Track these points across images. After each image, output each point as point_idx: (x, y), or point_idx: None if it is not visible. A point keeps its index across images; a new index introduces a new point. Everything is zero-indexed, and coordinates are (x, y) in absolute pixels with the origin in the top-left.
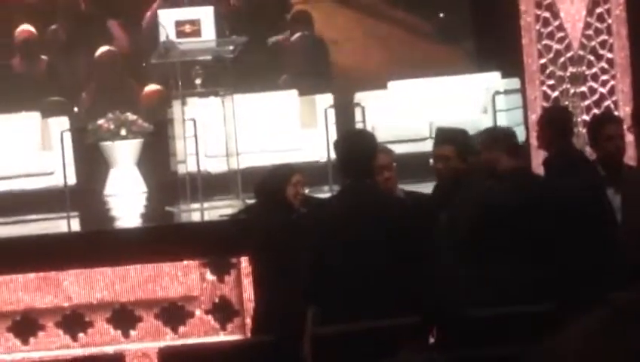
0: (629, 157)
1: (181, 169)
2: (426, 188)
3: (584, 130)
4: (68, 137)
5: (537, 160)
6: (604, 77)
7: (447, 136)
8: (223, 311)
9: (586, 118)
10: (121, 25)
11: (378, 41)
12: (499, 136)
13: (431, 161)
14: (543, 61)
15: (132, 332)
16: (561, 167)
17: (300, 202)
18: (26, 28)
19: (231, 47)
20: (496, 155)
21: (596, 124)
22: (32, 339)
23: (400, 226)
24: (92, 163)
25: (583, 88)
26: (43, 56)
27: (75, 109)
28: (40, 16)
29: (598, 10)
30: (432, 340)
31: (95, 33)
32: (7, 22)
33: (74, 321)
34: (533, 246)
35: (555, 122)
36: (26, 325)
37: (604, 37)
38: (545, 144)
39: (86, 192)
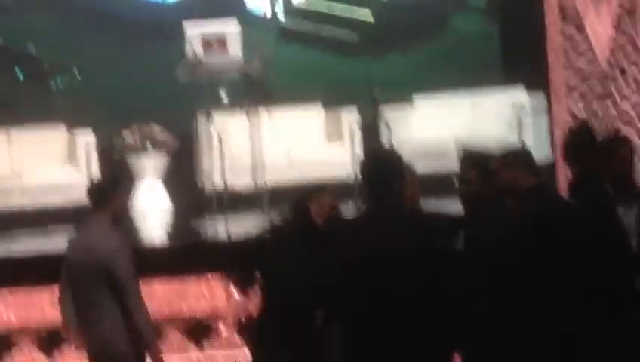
0: None
1: (207, 184)
2: (451, 204)
3: None
4: (93, 150)
5: (563, 175)
6: (630, 93)
7: (471, 159)
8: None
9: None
10: None
11: None
12: (517, 155)
13: (455, 182)
14: (569, 78)
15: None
16: (582, 186)
17: (323, 221)
18: None
19: (256, 63)
20: (516, 174)
21: (607, 143)
22: (57, 354)
23: (424, 246)
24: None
25: (609, 104)
26: None
27: None
28: None
29: (625, 25)
30: None
31: None
32: None
33: None
34: (553, 265)
35: (574, 141)
36: (51, 340)
37: (630, 52)
38: (567, 162)
39: None
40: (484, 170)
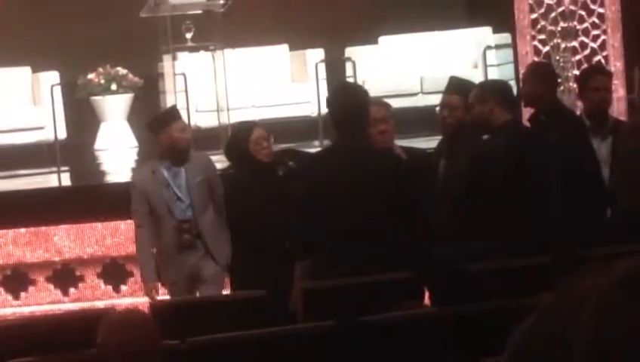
0: (620, 113)
1: None
2: (417, 143)
3: (575, 85)
4: (58, 92)
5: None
6: (595, 32)
7: (457, 86)
8: None
9: (577, 72)
10: None
11: None
12: (493, 89)
13: (437, 109)
14: (534, 16)
15: (123, 287)
16: (547, 122)
17: (266, 155)
18: None
19: (221, 1)
20: (490, 108)
21: (585, 75)
22: (22, 294)
23: (391, 179)
24: (82, 117)
25: (574, 43)
26: None
27: None
28: None
29: None
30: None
31: None
32: None
33: (65, 276)
34: (526, 199)
35: (540, 78)
36: (16, 280)
37: None
38: (529, 100)
39: (76, 147)
40: (467, 98)
